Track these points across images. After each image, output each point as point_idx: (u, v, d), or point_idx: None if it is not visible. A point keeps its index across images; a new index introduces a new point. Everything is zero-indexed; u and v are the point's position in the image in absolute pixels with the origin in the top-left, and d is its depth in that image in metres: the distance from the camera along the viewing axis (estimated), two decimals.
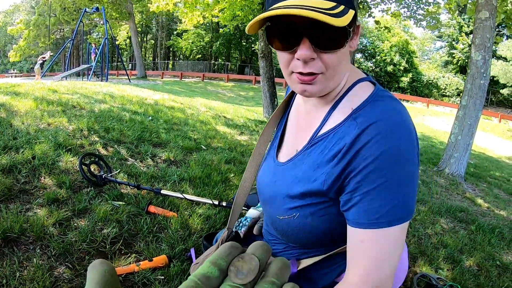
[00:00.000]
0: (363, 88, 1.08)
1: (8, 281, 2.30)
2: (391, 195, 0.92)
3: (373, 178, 0.93)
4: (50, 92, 7.37)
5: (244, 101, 21.24)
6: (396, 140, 0.93)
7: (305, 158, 1.10)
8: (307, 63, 0.95)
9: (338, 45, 0.94)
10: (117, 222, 3.16)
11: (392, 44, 45.58)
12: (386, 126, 0.94)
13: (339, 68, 1.00)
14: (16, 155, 3.86)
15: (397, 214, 0.93)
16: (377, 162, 0.92)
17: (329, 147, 1.02)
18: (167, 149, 5.28)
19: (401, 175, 0.93)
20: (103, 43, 22.38)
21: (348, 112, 1.03)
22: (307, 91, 1.01)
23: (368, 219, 0.94)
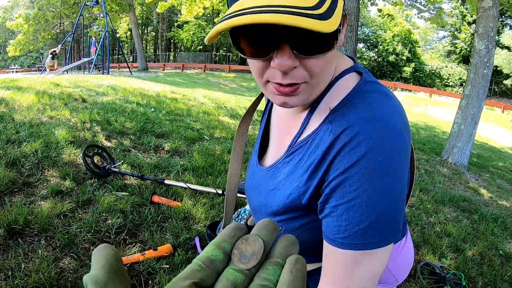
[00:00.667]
0: (346, 82, 0.92)
1: (14, 273, 2.31)
2: (362, 214, 0.78)
3: (343, 192, 0.79)
4: (52, 86, 7.36)
5: (246, 91, 21.18)
6: (376, 147, 0.77)
7: (284, 168, 0.98)
8: (287, 73, 0.77)
9: (326, 48, 0.75)
10: (121, 212, 3.17)
11: (394, 34, 45.21)
12: (364, 129, 0.79)
13: (325, 73, 0.84)
14: (19, 148, 3.87)
15: (367, 238, 0.78)
16: (347, 174, 0.79)
17: (305, 157, 0.90)
18: (170, 139, 5.28)
19: (378, 191, 0.77)
20: (104, 36, 22.33)
21: (326, 113, 0.89)
22: (288, 103, 0.84)
23: (334, 236, 0.82)
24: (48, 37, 34.33)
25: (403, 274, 1.26)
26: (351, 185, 0.78)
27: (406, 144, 0.83)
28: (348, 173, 0.78)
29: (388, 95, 0.89)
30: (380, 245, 0.79)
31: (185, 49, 51.08)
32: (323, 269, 0.90)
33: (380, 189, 0.77)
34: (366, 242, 0.78)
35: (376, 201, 0.77)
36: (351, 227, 0.79)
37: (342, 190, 0.79)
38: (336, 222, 0.81)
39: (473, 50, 7.33)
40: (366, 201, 0.77)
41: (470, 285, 3.20)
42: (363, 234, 0.78)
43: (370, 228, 0.78)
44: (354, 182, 0.78)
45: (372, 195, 0.77)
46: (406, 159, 0.83)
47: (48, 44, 40.82)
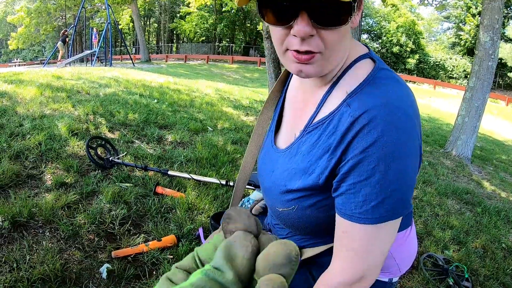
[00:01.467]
0: (361, 68, 0.98)
1: (19, 265, 2.32)
2: (379, 191, 0.85)
3: (361, 170, 0.86)
4: (54, 79, 7.37)
5: (249, 82, 21.16)
6: (391, 131, 0.84)
7: (300, 147, 1.03)
8: (304, 40, 0.84)
9: (340, 22, 0.82)
10: (125, 203, 3.17)
11: (398, 25, 44.93)
12: (380, 114, 0.85)
13: (340, 47, 0.90)
14: (23, 141, 3.87)
15: (383, 212, 0.86)
16: (366, 153, 0.84)
17: (323, 137, 0.95)
18: (173, 131, 5.28)
19: (393, 170, 0.84)
20: (106, 28, 22.30)
21: (343, 96, 0.94)
22: (303, 71, 0.91)
23: (352, 212, 0.89)
24: (50, 29, 34.32)
25: (406, 264, 1.28)
26: (368, 164, 0.85)
27: (417, 127, 0.90)
28: (365, 153, 0.85)
29: (400, 82, 0.95)
30: (393, 217, 0.88)
31: (187, 40, 50.98)
32: (339, 244, 0.96)
33: (395, 168, 0.85)
34: (381, 216, 0.87)
35: (391, 178, 0.85)
36: (368, 202, 0.86)
37: (360, 169, 0.86)
38: (354, 198, 0.88)
39: (477, 42, 7.24)
40: (382, 178, 0.84)
41: (473, 277, 3.20)
42: (379, 209, 0.86)
43: (385, 203, 0.86)
44: (371, 161, 0.85)
45: (388, 173, 0.84)
46: (417, 141, 0.90)
47: (50, 37, 40.82)
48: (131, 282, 2.41)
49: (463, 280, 3.06)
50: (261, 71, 28.28)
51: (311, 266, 1.23)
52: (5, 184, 3.10)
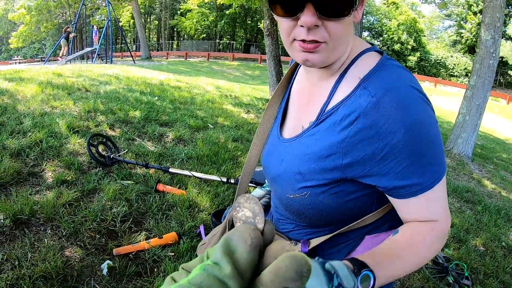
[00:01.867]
0: (369, 58, 1.01)
1: (21, 263, 2.33)
2: (423, 161, 0.90)
3: (399, 149, 0.89)
4: (55, 76, 7.36)
5: (250, 79, 21.14)
6: (416, 106, 0.89)
7: (315, 134, 1.03)
8: (310, 30, 0.89)
9: (343, 13, 0.88)
10: (126, 201, 3.18)
11: (399, 22, 44.74)
12: (402, 94, 0.89)
13: (343, 38, 0.95)
14: (24, 139, 3.87)
15: (430, 178, 0.92)
16: (402, 132, 0.87)
17: (339, 120, 0.96)
18: (174, 128, 5.28)
19: (428, 141, 0.90)
20: (106, 25, 22.28)
21: (356, 82, 0.97)
22: (309, 60, 0.95)
23: (401, 191, 0.94)
24: (51, 27, 34.28)
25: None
26: (406, 141, 0.88)
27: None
28: (402, 133, 0.88)
29: (406, 70, 1.00)
30: (440, 178, 0.94)
31: (188, 37, 50.92)
32: (426, 205, 0.99)
33: (431, 138, 0.91)
34: (431, 181, 0.92)
35: (428, 147, 0.91)
36: (413, 175, 0.91)
37: (398, 148, 0.89)
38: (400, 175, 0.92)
39: (479, 41, 7.22)
40: (421, 150, 0.90)
41: (473, 275, 3.21)
42: (426, 177, 0.91)
43: (429, 170, 0.91)
44: (409, 138, 0.88)
45: (424, 145, 0.90)
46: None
47: (50, 35, 40.78)
48: (132, 279, 2.42)
49: (463, 278, 3.07)
50: (262, 68, 28.23)
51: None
52: (6, 182, 3.11)
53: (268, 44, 10.65)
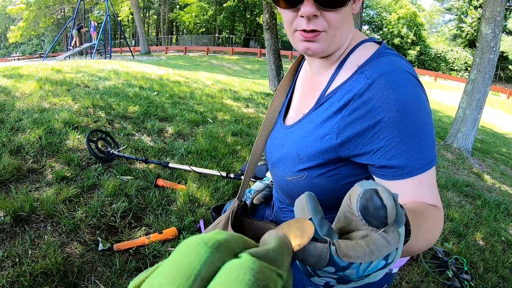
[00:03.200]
0: (368, 46, 1.06)
1: (21, 260, 2.33)
2: (416, 142, 0.90)
3: (392, 129, 0.90)
4: (53, 72, 7.35)
5: (250, 74, 21.11)
6: (410, 89, 0.91)
7: (312, 117, 1.07)
8: (310, 20, 0.95)
9: (340, 4, 0.94)
10: (126, 196, 3.18)
11: (399, 16, 44.58)
12: (397, 76, 0.91)
13: (342, 28, 1.00)
14: (23, 135, 3.87)
15: (424, 161, 0.92)
16: (393, 112, 0.89)
17: (336, 102, 1.00)
18: (173, 123, 5.27)
19: (421, 123, 0.90)
20: (105, 21, 22.24)
21: (354, 68, 1.01)
22: (310, 49, 1.00)
23: (396, 172, 0.93)
24: (50, 22, 34.20)
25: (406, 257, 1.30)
26: (397, 119, 0.89)
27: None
28: (393, 111, 0.90)
29: (404, 59, 1.03)
30: (429, 165, 0.93)
31: (187, 32, 50.78)
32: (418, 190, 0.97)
33: (423, 121, 0.91)
34: (420, 166, 0.92)
35: (419, 130, 0.91)
36: (402, 156, 0.91)
37: (389, 125, 0.90)
38: (389, 154, 0.93)
39: (479, 35, 7.20)
40: (412, 131, 0.90)
41: (472, 270, 3.22)
42: (415, 160, 0.91)
43: (419, 153, 0.91)
44: (401, 117, 0.89)
45: (416, 126, 0.91)
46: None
47: (49, 30, 40.70)
48: (132, 274, 2.42)
49: (462, 272, 3.07)
50: (261, 63, 28.18)
51: None
52: (6, 179, 3.11)
53: (268, 38, 10.63)
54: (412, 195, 0.96)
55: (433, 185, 0.97)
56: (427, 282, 2.96)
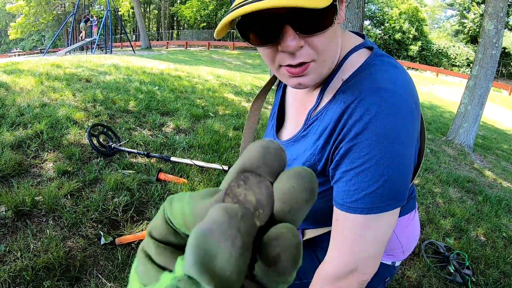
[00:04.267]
0: (357, 57, 0.96)
1: (23, 254, 2.33)
2: (370, 179, 0.83)
3: (353, 157, 0.85)
4: (54, 68, 7.33)
5: (251, 68, 21.06)
6: (383, 116, 0.82)
7: (302, 140, 1.04)
8: (294, 54, 0.83)
9: (326, 25, 0.80)
10: (128, 190, 3.17)
11: (401, 11, 44.28)
12: (372, 99, 0.83)
13: (331, 49, 0.89)
14: (24, 130, 3.86)
15: (374, 202, 0.84)
16: (358, 139, 0.83)
17: (321, 127, 0.95)
18: (175, 117, 5.26)
19: (385, 158, 0.82)
20: (105, 15, 22.18)
21: (339, 84, 0.93)
22: (302, 83, 0.90)
23: (343, 201, 0.89)
24: (50, 18, 34.14)
25: (409, 247, 1.29)
26: (360, 151, 0.83)
27: (413, 112, 0.86)
28: (357, 139, 0.83)
29: (397, 66, 0.93)
30: (387, 209, 0.85)
31: (188, 26, 50.67)
32: (332, 233, 0.95)
33: (388, 156, 0.81)
34: (373, 206, 0.84)
35: (384, 167, 0.82)
36: (359, 191, 0.85)
37: (352, 156, 0.85)
38: (345, 187, 0.87)
39: (481, 30, 7.17)
40: (374, 166, 0.82)
41: (473, 265, 3.21)
42: (370, 198, 0.84)
43: (378, 192, 0.83)
44: (363, 148, 0.83)
45: (380, 161, 0.82)
46: (413, 127, 0.87)
47: (49, 26, 40.63)
48: None
49: (463, 268, 3.07)
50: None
51: (315, 249, 1.24)
52: (7, 173, 3.10)
53: None
54: (334, 229, 0.95)
55: (354, 236, 0.90)
56: (429, 277, 2.96)
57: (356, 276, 0.92)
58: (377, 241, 0.90)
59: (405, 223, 1.20)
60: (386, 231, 0.89)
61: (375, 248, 0.90)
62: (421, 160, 1.06)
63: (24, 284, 2.14)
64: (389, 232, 0.91)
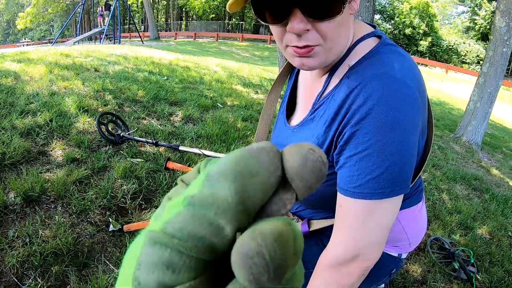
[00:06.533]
0: (365, 45, 0.98)
1: (32, 240, 2.34)
2: (374, 165, 0.84)
3: (356, 142, 0.86)
4: (62, 57, 7.35)
5: (259, 60, 21.00)
6: (387, 101, 0.83)
7: (309, 123, 1.05)
8: (301, 35, 0.85)
9: (334, 12, 0.82)
10: (136, 178, 3.19)
11: (412, 6, 43.99)
12: (376, 84, 0.84)
13: (339, 36, 0.90)
14: (34, 118, 3.88)
15: (377, 187, 0.85)
16: (361, 125, 0.85)
17: (327, 111, 0.96)
18: (183, 107, 5.27)
19: (389, 143, 0.83)
20: (114, 6, 22.21)
21: (346, 70, 0.95)
22: (305, 64, 0.92)
23: (347, 186, 0.90)
24: (58, 8, 34.26)
25: (416, 240, 1.29)
26: (363, 136, 0.85)
27: (417, 99, 0.88)
28: (360, 125, 0.85)
29: (403, 55, 0.95)
30: (390, 195, 0.86)
31: (197, 18, 50.62)
32: (336, 219, 0.97)
33: (391, 142, 0.83)
34: (376, 192, 0.86)
35: (387, 152, 0.83)
36: (362, 176, 0.86)
37: (355, 141, 0.86)
38: (349, 172, 0.89)
39: (493, 27, 7.05)
40: (377, 152, 0.83)
41: (478, 263, 3.21)
42: (373, 183, 0.85)
43: (381, 178, 0.85)
44: (366, 133, 0.84)
45: (383, 147, 0.83)
46: (417, 114, 0.88)
47: (58, 16, 40.75)
48: None
49: (468, 264, 3.07)
50: (271, 49, 28.03)
51: (322, 237, 1.25)
52: (16, 160, 3.12)
53: None
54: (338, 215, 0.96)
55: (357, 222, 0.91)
56: (434, 272, 2.96)
57: (359, 262, 0.93)
58: (380, 227, 0.91)
59: (412, 215, 1.21)
60: (389, 218, 0.91)
61: (378, 235, 0.91)
62: (429, 148, 1.06)
63: (32, 269, 2.16)
64: (392, 219, 0.92)
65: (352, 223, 0.91)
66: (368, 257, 0.93)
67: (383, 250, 1.18)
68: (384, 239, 0.93)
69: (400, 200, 0.91)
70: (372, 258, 0.94)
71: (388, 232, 0.92)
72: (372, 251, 0.93)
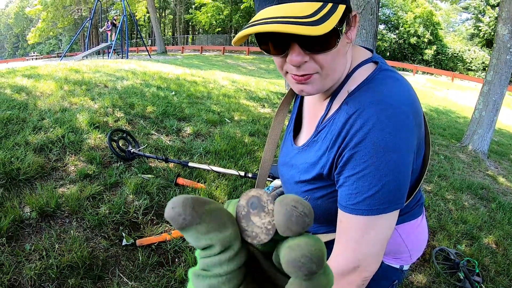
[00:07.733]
0: (363, 71, 1.06)
1: (48, 253, 2.43)
2: (370, 183, 0.93)
3: (354, 164, 0.94)
4: (72, 72, 7.47)
5: (266, 73, 21.04)
6: (382, 126, 0.91)
7: (312, 145, 1.13)
8: (300, 66, 0.94)
9: (330, 46, 0.91)
10: (148, 194, 3.27)
11: (416, 15, 43.91)
12: (372, 110, 0.92)
13: (335, 65, 0.97)
14: (46, 134, 3.98)
15: (374, 204, 0.94)
16: (358, 148, 0.93)
17: (328, 134, 1.04)
18: (191, 123, 5.35)
19: (384, 164, 0.91)
20: (122, 20, 22.36)
21: (345, 96, 1.03)
22: (304, 91, 1.00)
23: (346, 203, 0.98)
24: (66, 23, 34.57)
25: (417, 252, 1.34)
26: (361, 158, 0.93)
27: (411, 123, 0.95)
28: (358, 148, 0.93)
29: (399, 80, 1.02)
30: (385, 211, 0.95)
31: (203, 31, 50.92)
32: (337, 234, 1.06)
33: (385, 163, 0.91)
34: (372, 209, 0.94)
35: (381, 173, 0.92)
36: (359, 195, 0.95)
37: (354, 163, 0.95)
38: (348, 190, 0.97)
39: (495, 35, 7.07)
40: (373, 172, 0.92)
41: (484, 272, 3.23)
42: (370, 201, 0.94)
43: (376, 196, 0.93)
44: (363, 155, 0.92)
45: (378, 168, 0.92)
46: (410, 136, 0.96)
47: (67, 30, 41.10)
48: (155, 268, 2.50)
49: (473, 274, 3.09)
50: None
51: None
52: (31, 176, 3.21)
53: None
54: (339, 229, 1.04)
55: (356, 236, 0.99)
56: (438, 283, 3.00)
57: (359, 273, 1.01)
58: (378, 240, 0.99)
59: (412, 229, 1.27)
60: (385, 231, 0.99)
61: (376, 247, 0.99)
62: (427, 164, 1.14)
63: (49, 282, 2.24)
64: (389, 232, 1.00)
65: (352, 237, 0.99)
66: (367, 268, 1.01)
67: (385, 262, 1.26)
68: (382, 250, 1.01)
69: (396, 215, 0.99)
70: (371, 269, 1.02)
71: (386, 243, 1.01)
72: (371, 262, 1.01)
